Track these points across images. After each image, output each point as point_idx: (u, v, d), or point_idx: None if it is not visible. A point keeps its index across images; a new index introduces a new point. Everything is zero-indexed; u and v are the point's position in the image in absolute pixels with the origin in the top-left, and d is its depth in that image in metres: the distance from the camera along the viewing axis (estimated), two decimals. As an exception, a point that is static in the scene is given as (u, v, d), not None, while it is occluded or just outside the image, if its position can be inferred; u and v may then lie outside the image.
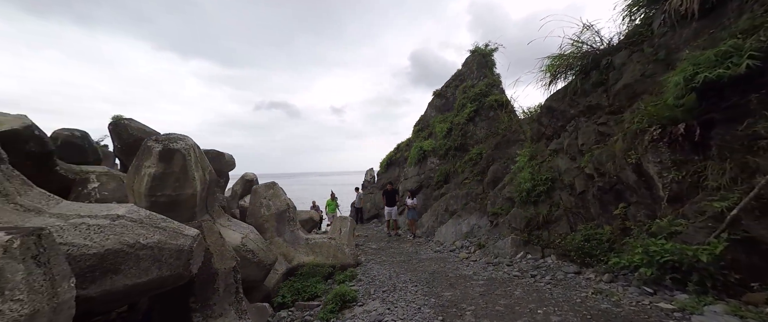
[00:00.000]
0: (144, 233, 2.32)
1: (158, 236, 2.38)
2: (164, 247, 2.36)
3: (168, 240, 2.42)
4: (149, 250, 2.27)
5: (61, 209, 2.25)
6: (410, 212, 9.14)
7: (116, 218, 2.27)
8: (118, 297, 2.16)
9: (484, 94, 9.54)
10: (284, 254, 5.51)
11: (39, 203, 2.24)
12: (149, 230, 2.38)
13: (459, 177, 9.19)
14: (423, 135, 12.43)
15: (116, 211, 2.36)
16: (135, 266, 2.19)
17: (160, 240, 2.37)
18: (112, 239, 2.13)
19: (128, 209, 2.46)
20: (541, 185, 5.86)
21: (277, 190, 6.03)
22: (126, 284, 2.14)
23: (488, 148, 8.51)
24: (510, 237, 6.06)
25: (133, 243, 2.20)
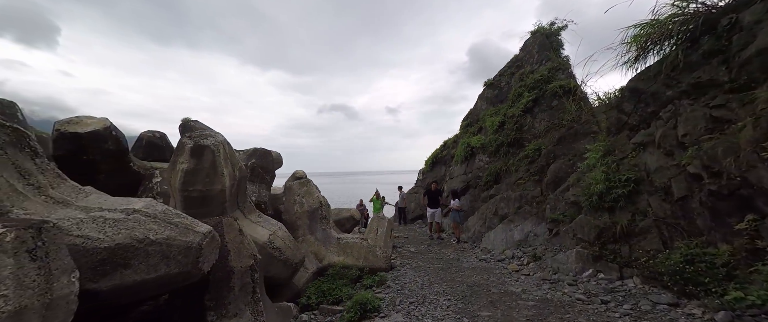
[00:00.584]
0: (155, 228, 2.39)
1: (168, 232, 2.43)
2: (173, 243, 2.40)
3: (177, 236, 2.45)
4: (158, 246, 2.32)
5: (88, 201, 2.45)
6: (454, 214, 8.48)
7: (131, 213, 2.38)
8: (129, 293, 2.24)
9: (545, 81, 8.22)
10: (315, 252, 5.51)
11: (68, 195, 2.47)
12: (161, 225, 2.44)
13: (512, 177, 8.11)
14: (471, 130, 11.44)
15: (133, 205, 2.48)
16: (144, 262, 2.25)
17: (170, 236, 2.41)
18: (124, 234, 2.22)
19: (146, 203, 2.58)
20: (619, 186, 4.67)
21: (311, 187, 6.08)
22: (135, 280, 2.20)
23: (549, 143, 7.28)
24: (575, 250, 4.99)
25: (143, 238, 2.27)
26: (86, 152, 4.93)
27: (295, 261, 4.39)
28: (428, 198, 9.20)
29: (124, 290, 2.20)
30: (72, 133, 4.73)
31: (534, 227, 6.53)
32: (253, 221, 4.35)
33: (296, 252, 4.49)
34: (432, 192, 9.24)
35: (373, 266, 5.64)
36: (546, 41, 9.33)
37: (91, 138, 4.93)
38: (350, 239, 5.91)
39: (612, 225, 4.66)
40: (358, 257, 5.66)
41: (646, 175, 4.57)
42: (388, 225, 7.94)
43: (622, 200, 4.64)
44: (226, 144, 3.99)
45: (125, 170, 5.73)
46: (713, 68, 4.03)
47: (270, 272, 4.19)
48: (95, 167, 5.13)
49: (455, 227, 8.51)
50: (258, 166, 8.45)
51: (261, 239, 4.10)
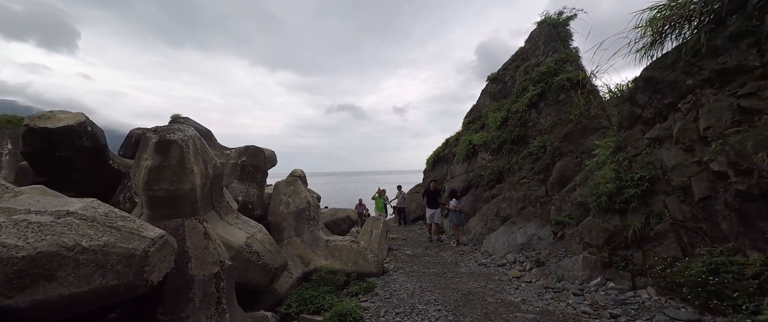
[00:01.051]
0: (90, 233, 2.10)
1: (107, 237, 2.15)
2: (111, 251, 2.11)
3: (117, 243, 2.16)
4: (92, 254, 2.03)
5: (14, 203, 2.18)
6: (453, 215, 8.12)
7: (63, 215, 2.10)
8: (58, 309, 1.95)
9: (552, 73, 7.76)
10: (301, 256, 5.22)
11: (-9, 193, 2.20)
12: (99, 230, 2.16)
13: (515, 176, 7.69)
14: (474, 127, 11.01)
15: (69, 207, 2.20)
16: (73, 273, 1.96)
17: (108, 242, 2.12)
18: (49, 240, 1.93)
19: (85, 204, 2.30)
20: (632, 186, 4.26)
21: (298, 187, 5.79)
22: (62, 294, 1.91)
23: (555, 139, 6.84)
24: (581, 256, 4.59)
25: (72, 245, 1.98)
26: (58, 149, 4.71)
27: (275, 266, 4.10)
28: (427, 198, 8.88)
29: (49, 307, 1.91)
30: (42, 129, 4.51)
31: (538, 229, 6.12)
32: (229, 223, 4.07)
33: (277, 256, 4.20)
34: (431, 192, 8.91)
35: (363, 271, 5.32)
36: (553, 32, 8.85)
37: (64, 134, 4.71)
38: (340, 242, 5.59)
39: (623, 229, 4.25)
40: (346, 261, 5.35)
41: (662, 173, 4.14)
42: (383, 227, 7.61)
43: (635, 201, 4.22)
44: (197, 139, 3.71)
45: (103, 167, 5.52)
46: (742, 52, 3.58)
47: (247, 277, 3.91)
48: (70, 165, 4.92)
49: (454, 229, 8.15)
50: (249, 164, 8.19)
51: (237, 243, 3.82)
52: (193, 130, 3.70)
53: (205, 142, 3.93)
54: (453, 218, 8.09)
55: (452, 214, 8.11)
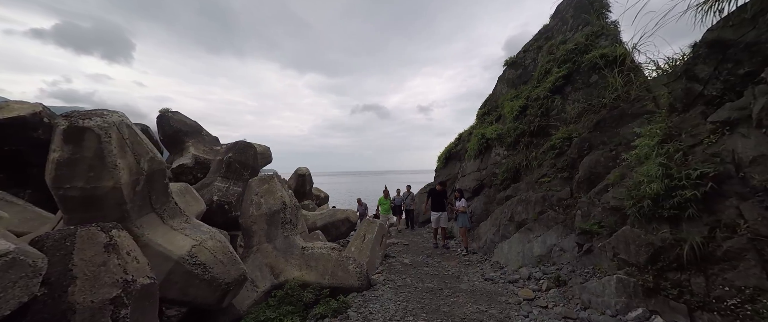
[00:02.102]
0: None
1: None
2: None
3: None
4: None
5: None
6: (461, 218, 7.19)
7: None
8: None
9: (582, 50, 6.58)
10: (272, 265, 4.59)
11: None
12: None
13: (533, 174, 6.62)
14: (489, 120, 9.93)
15: None
16: None
17: None
18: None
19: None
20: (688, 186, 3.20)
21: (273, 185, 5.18)
22: None
23: (583, 129, 5.73)
24: (615, 276, 3.58)
25: None
26: (8, 142, 4.43)
27: (226, 281, 3.48)
28: (431, 200, 8.02)
29: None
30: (-13, 120, 4.21)
31: (559, 239, 5.09)
32: (174, 228, 3.51)
33: (231, 268, 3.58)
34: (436, 193, 8.03)
35: (342, 285, 4.61)
36: (584, 2, 7.60)
37: (13, 125, 4.41)
38: (318, 250, 4.91)
39: (675, 244, 3.20)
40: (323, 273, 4.66)
41: (733, 168, 3.05)
42: (378, 231, 6.87)
43: (693, 207, 3.16)
44: (124, 128, 3.15)
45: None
46: None
47: (189, 295, 3.33)
48: (23, 159, 4.64)
49: (462, 234, 7.22)
50: (235, 160, 7.75)
51: (177, 253, 3.24)
52: (121, 116, 3.15)
53: (139, 132, 3.38)
54: (461, 222, 7.16)
55: (460, 216, 7.18)
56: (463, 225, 7.22)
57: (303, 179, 15.30)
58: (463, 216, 7.21)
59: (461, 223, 7.23)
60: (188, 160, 7.67)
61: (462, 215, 7.19)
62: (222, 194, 6.21)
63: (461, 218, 7.23)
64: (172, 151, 8.17)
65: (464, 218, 7.22)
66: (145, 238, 3.20)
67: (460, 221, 7.31)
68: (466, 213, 7.30)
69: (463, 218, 7.22)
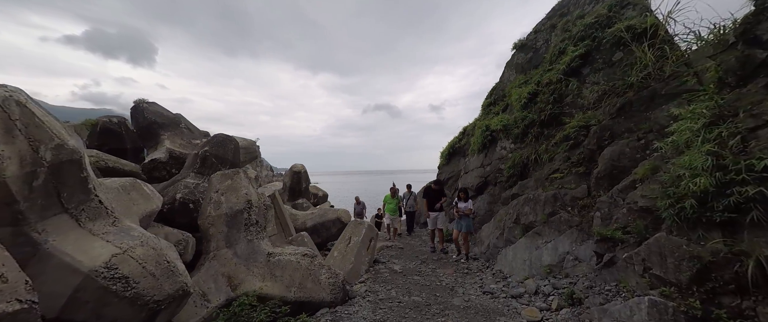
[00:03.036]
0: None
1: None
2: None
3: None
4: None
5: None
6: (462, 222, 6.25)
7: None
8: None
9: (603, 24, 5.71)
10: (230, 275, 3.98)
11: None
12: None
13: (543, 169, 5.82)
14: (495, 110, 9.11)
15: None
16: None
17: None
18: None
19: None
20: (748, 181, 2.42)
21: (238, 181, 4.57)
22: None
23: (604, 115, 4.90)
24: (647, 298, 2.80)
25: None
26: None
27: (156, 298, 2.88)
28: (427, 200, 7.30)
29: None
30: None
31: (573, 245, 4.31)
32: (93, 233, 2.93)
33: (164, 282, 2.98)
34: (432, 192, 7.31)
35: (311, 299, 3.97)
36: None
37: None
38: (286, 256, 4.28)
39: (733, 258, 2.42)
40: (289, 284, 4.02)
41: (821, 157, 2.24)
42: (366, 233, 6.22)
43: (758, 208, 2.37)
44: (15, 105, 2.57)
45: None
46: None
47: (105, 316, 2.73)
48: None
49: (463, 239, 6.36)
50: (211, 155, 7.20)
51: (88, 264, 2.65)
52: (9, 93, 2.57)
53: (42, 113, 2.80)
54: (461, 225, 6.27)
55: (462, 220, 6.21)
56: (461, 229, 6.27)
57: (298, 177, 14.79)
58: (467, 220, 6.24)
59: (460, 227, 6.28)
60: (162, 154, 7.17)
61: (464, 219, 6.22)
62: (188, 192, 5.66)
63: (463, 221, 6.24)
64: (148, 146, 7.71)
65: (468, 222, 6.25)
66: (47, 246, 2.62)
67: (458, 225, 6.34)
68: (471, 217, 6.31)
69: (465, 222, 6.25)
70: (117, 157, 7.42)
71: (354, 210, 11.32)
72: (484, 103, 10.11)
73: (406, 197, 9.87)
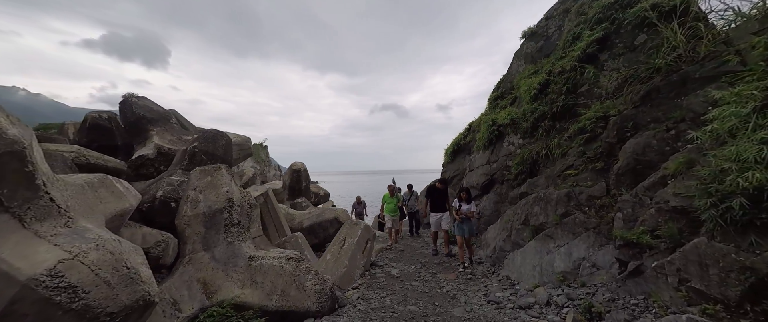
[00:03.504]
0: None
1: None
2: None
3: None
4: None
5: None
6: (464, 226, 5.68)
7: None
8: None
9: (624, 4, 5.18)
10: (205, 281, 3.63)
11: None
12: None
13: (556, 166, 5.35)
14: (502, 104, 8.61)
15: None
16: None
17: None
18: None
19: None
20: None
21: (218, 177, 4.22)
22: None
23: (625, 104, 4.40)
24: (685, 316, 2.36)
25: None
26: None
27: (111, 309, 2.54)
28: (430, 200, 6.86)
29: None
30: None
31: (590, 250, 3.84)
32: (39, 235, 2.60)
33: (122, 291, 2.64)
34: (436, 192, 6.86)
35: (295, 308, 3.60)
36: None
37: None
38: (270, 260, 3.92)
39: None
40: (271, 292, 3.66)
41: None
42: (362, 235, 5.84)
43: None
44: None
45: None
46: None
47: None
48: None
49: (467, 245, 5.81)
50: (201, 151, 6.90)
51: (27, 272, 2.30)
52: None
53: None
54: (462, 230, 5.69)
55: (464, 223, 5.65)
56: (462, 234, 5.69)
57: (298, 175, 14.49)
58: (469, 224, 5.70)
59: (461, 232, 5.71)
60: (150, 150, 6.90)
61: (466, 222, 5.68)
62: (170, 189, 5.35)
63: (464, 225, 5.69)
64: (136, 142, 7.45)
65: (470, 226, 5.71)
66: (-20, 248, 2.31)
67: (458, 230, 5.78)
68: (473, 220, 5.82)
69: (469, 226, 5.71)
70: (107, 154, 7.20)
71: (354, 210, 10.89)
72: (491, 97, 9.62)
73: (407, 197, 9.37)
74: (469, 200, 5.80)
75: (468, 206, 5.75)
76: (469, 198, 5.84)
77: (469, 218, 5.69)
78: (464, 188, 5.99)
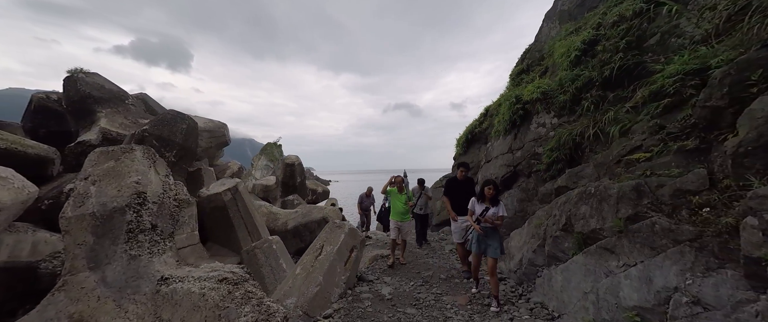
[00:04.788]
0: None
1: None
2: None
3: None
4: None
5: None
6: (489, 240, 3.86)
7: None
8: None
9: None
10: (82, 316, 2.45)
11: None
12: None
13: (611, 149, 3.91)
14: (527, 79, 7.14)
15: None
16: None
17: None
18: None
19: None
20: None
21: (124, 163, 3.01)
22: None
23: (737, 46, 2.92)
24: None
25: None
26: None
27: None
28: (450, 198, 5.01)
29: None
30: None
31: (689, 277, 2.43)
32: None
33: None
34: (458, 186, 5.07)
35: (213, 361, 2.36)
36: None
37: None
38: (188, 284, 2.69)
39: None
40: (180, 332, 2.43)
41: None
42: (345, 241, 4.63)
43: None
44: None
45: None
46: None
47: None
48: None
49: (490, 271, 3.79)
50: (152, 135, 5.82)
51: None
52: None
53: None
54: (482, 246, 3.90)
55: (486, 238, 3.86)
56: (491, 253, 3.80)
57: (292, 170, 13.37)
58: (497, 237, 3.85)
59: (483, 247, 3.90)
60: (93, 135, 5.85)
61: (494, 235, 3.85)
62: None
63: (493, 240, 3.83)
64: (81, 125, 6.43)
65: (496, 240, 3.83)
66: None
67: (478, 244, 3.92)
68: (501, 230, 4.06)
69: (496, 241, 3.82)
70: (59, 141, 6.17)
71: (360, 205, 9.20)
72: (513, 73, 8.13)
73: (416, 194, 7.12)
74: (495, 200, 3.86)
75: (495, 208, 3.83)
76: (496, 196, 3.86)
77: (495, 227, 3.86)
78: (489, 181, 3.96)
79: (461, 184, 5.14)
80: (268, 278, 5.51)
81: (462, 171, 5.22)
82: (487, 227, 3.85)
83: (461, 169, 5.26)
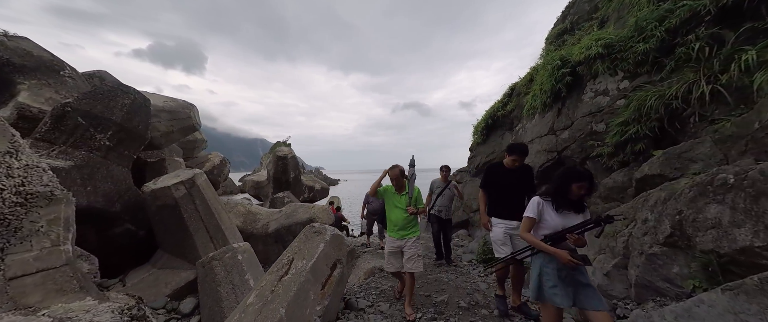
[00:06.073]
0: None
1: None
2: None
3: None
4: None
5: None
6: (582, 278, 1.97)
7: None
8: None
9: None
10: None
11: None
12: None
13: (759, 112, 2.42)
14: (572, 40, 5.61)
15: None
16: None
17: None
18: None
19: None
20: None
21: None
22: None
23: None
24: None
25: None
26: None
27: None
28: (488, 194, 3.38)
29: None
30: None
31: None
32: None
33: None
34: (505, 174, 3.26)
35: None
36: None
37: None
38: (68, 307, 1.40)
39: None
40: None
41: None
42: (325, 252, 3.28)
43: None
44: None
45: None
46: None
47: None
48: None
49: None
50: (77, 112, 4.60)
51: None
52: None
53: None
54: (569, 295, 1.97)
55: (574, 272, 1.98)
56: (600, 305, 1.89)
57: (284, 164, 12.11)
58: (586, 275, 2.01)
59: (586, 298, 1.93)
60: (9, 111, 4.65)
61: (584, 273, 2.00)
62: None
63: (585, 278, 1.99)
64: (0, 99, 5.23)
65: (588, 279, 2.00)
66: None
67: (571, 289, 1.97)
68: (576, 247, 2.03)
69: (589, 283, 1.98)
70: None
71: (366, 207, 7.12)
72: (550, 35, 6.59)
73: (437, 189, 4.96)
74: (581, 205, 2.11)
75: (598, 227, 1.97)
76: (581, 199, 2.07)
77: (587, 261, 1.97)
78: (581, 172, 2.04)
79: (509, 174, 3.31)
80: (227, 300, 4.22)
81: (514, 159, 3.23)
82: (579, 256, 1.97)
83: (513, 156, 3.23)
